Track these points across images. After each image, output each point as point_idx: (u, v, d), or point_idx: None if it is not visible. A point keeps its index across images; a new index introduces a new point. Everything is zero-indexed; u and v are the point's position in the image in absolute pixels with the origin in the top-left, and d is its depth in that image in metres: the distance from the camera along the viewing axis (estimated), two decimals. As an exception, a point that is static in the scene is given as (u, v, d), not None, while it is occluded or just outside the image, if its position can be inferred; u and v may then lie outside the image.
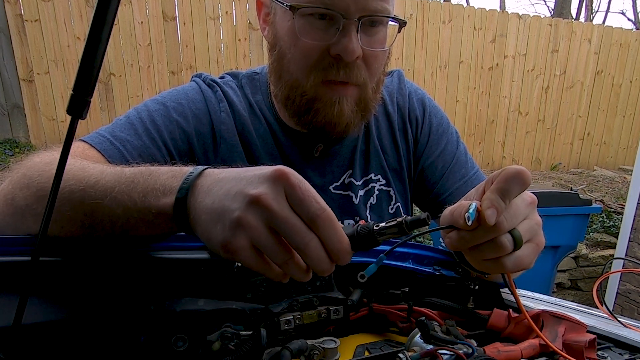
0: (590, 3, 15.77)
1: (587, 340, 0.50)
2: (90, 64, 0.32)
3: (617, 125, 6.11)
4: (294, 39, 0.72)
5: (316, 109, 0.75)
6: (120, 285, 0.47)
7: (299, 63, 0.73)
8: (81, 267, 0.46)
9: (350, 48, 0.68)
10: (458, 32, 5.20)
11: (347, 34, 0.68)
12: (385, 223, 0.42)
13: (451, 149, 0.94)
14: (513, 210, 0.48)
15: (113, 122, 0.79)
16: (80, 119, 0.33)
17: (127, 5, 4.13)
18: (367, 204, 0.90)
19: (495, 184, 0.47)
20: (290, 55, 0.74)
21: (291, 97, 0.76)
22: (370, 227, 0.42)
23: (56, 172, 0.34)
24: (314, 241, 0.40)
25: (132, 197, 0.46)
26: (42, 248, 0.34)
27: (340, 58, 0.70)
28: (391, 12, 0.72)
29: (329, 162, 0.87)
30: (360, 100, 0.76)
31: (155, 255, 0.49)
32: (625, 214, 3.10)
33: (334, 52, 0.70)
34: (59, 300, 0.44)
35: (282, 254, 0.40)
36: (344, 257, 0.41)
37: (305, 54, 0.72)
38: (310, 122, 0.77)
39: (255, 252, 0.40)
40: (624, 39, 5.83)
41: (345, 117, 0.75)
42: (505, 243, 0.48)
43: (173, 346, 0.46)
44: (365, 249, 0.43)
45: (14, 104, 4.04)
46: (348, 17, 0.68)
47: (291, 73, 0.75)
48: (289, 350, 0.45)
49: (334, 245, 0.41)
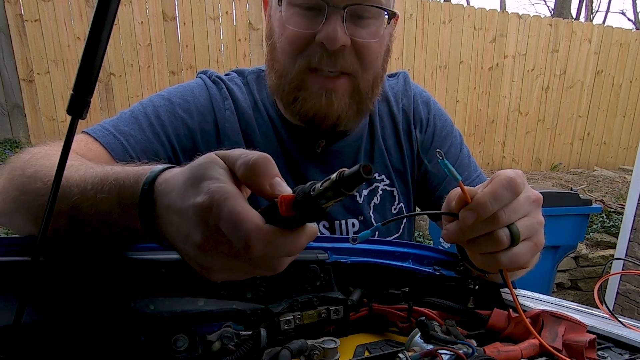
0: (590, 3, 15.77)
1: (587, 340, 0.50)
2: (90, 64, 0.32)
3: (617, 125, 6.11)
4: (282, 29, 0.73)
5: (303, 98, 0.75)
6: (119, 285, 0.47)
7: (286, 51, 0.74)
8: (80, 267, 0.46)
9: (333, 36, 0.69)
10: (458, 32, 5.20)
11: (331, 22, 0.69)
12: (320, 184, 0.34)
13: (454, 151, 0.94)
14: (513, 205, 0.48)
15: (118, 115, 0.79)
16: (81, 119, 0.33)
17: (127, 5, 4.13)
18: (371, 204, 0.90)
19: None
20: (279, 45, 0.75)
21: (281, 86, 0.77)
22: (307, 190, 0.34)
23: (56, 172, 0.34)
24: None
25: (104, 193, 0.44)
26: (42, 248, 0.34)
27: (325, 46, 0.70)
28: (383, 2, 0.72)
29: (332, 161, 0.87)
30: (354, 93, 0.76)
31: (155, 255, 0.49)
32: (625, 214, 3.10)
33: (318, 39, 0.70)
34: (59, 300, 0.44)
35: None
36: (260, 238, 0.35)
37: (291, 42, 0.73)
38: (299, 112, 0.77)
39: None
40: (624, 39, 5.83)
41: (335, 109, 0.75)
42: (502, 237, 0.48)
43: (173, 346, 0.46)
44: (311, 218, 0.36)
45: (14, 103, 4.04)
46: (333, 5, 0.68)
47: (280, 62, 0.76)
48: (289, 350, 0.45)
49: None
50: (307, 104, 0.75)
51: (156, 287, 0.48)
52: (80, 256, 0.46)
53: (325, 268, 0.57)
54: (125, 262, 0.47)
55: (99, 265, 0.46)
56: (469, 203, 0.47)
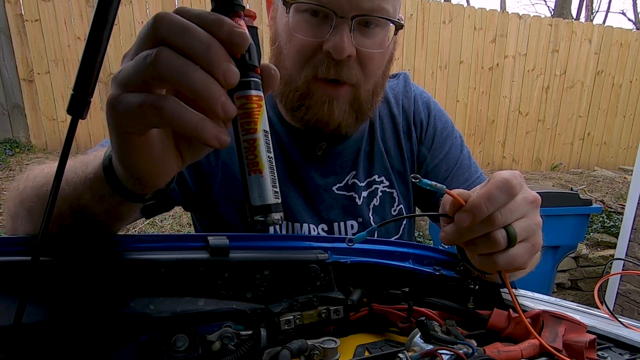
0: (591, 3, 15.77)
1: (587, 341, 0.50)
2: (90, 64, 0.32)
3: (618, 125, 6.11)
4: (289, 35, 0.73)
5: (307, 106, 0.75)
6: (119, 285, 0.47)
7: (293, 59, 0.73)
8: (80, 267, 0.46)
9: (340, 46, 0.68)
10: (458, 32, 5.20)
11: (339, 32, 0.68)
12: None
13: (455, 152, 0.94)
14: (510, 206, 0.48)
15: None
16: (81, 119, 0.33)
17: (127, 5, 4.14)
18: (370, 206, 0.90)
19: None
20: (286, 51, 0.74)
21: (285, 92, 0.77)
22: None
23: (56, 172, 0.34)
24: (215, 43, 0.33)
25: (77, 173, 0.46)
26: (42, 248, 0.34)
27: (332, 56, 0.70)
28: (390, 12, 0.72)
29: (332, 163, 0.87)
30: (353, 101, 0.76)
31: (155, 255, 0.49)
32: (626, 214, 3.10)
33: (325, 49, 0.70)
34: (59, 300, 0.44)
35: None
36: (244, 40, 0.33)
37: (299, 50, 0.72)
38: (302, 119, 0.77)
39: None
40: (624, 39, 5.83)
41: (335, 117, 0.75)
42: (499, 238, 0.48)
43: (173, 346, 0.46)
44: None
45: (14, 103, 4.04)
46: (341, 15, 0.68)
47: (286, 69, 0.75)
48: (289, 350, 0.45)
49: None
50: (311, 112, 0.75)
51: (156, 287, 0.48)
52: (81, 256, 0.46)
53: (325, 268, 0.57)
54: (125, 262, 0.47)
55: (99, 265, 0.46)
56: (463, 206, 0.48)
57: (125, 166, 0.40)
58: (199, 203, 0.84)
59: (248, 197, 0.34)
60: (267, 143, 0.35)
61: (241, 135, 0.34)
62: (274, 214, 0.35)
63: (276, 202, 0.35)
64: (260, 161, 0.34)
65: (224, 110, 0.32)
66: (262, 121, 0.34)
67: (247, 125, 0.34)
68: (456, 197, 0.48)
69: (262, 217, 0.34)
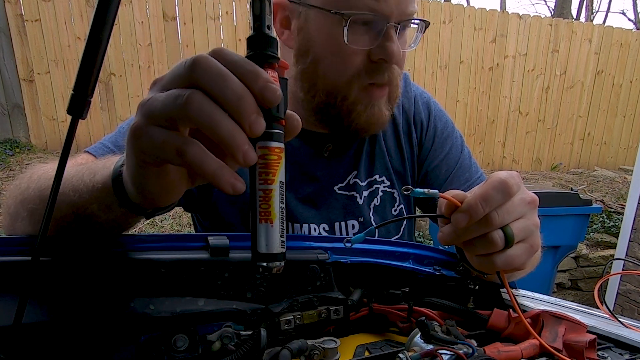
0: (591, 3, 15.77)
1: (587, 341, 0.50)
2: (90, 64, 0.32)
3: (618, 125, 6.11)
4: (334, 46, 0.71)
5: (358, 112, 0.76)
6: (119, 285, 0.47)
7: (341, 69, 0.73)
8: (81, 267, 0.46)
9: (395, 51, 0.70)
10: (458, 32, 5.20)
11: (390, 37, 0.70)
12: None
13: (455, 153, 0.94)
14: (507, 207, 0.48)
15: (117, 129, 0.78)
16: (81, 119, 0.33)
17: (127, 5, 4.13)
18: (371, 205, 0.90)
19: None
20: (329, 62, 0.73)
21: (331, 102, 0.76)
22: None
23: (56, 172, 0.34)
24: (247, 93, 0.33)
25: (84, 180, 0.47)
26: (42, 248, 0.34)
27: (382, 62, 0.71)
28: (417, 13, 0.75)
29: (335, 163, 0.87)
30: (390, 99, 0.78)
31: (156, 255, 0.49)
32: (626, 214, 3.10)
33: (376, 56, 0.71)
34: (59, 300, 0.44)
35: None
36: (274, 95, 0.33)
37: (349, 60, 0.72)
38: (350, 125, 0.77)
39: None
40: (624, 39, 5.83)
41: (383, 117, 0.77)
42: (496, 239, 0.48)
43: (173, 346, 0.46)
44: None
45: (14, 103, 4.04)
46: (390, 22, 0.69)
47: (330, 79, 0.74)
48: (289, 350, 0.45)
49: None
50: (362, 117, 0.76)
51: (156, 287, 0.48)
52: (81, 256, 0.46)
53: (325, 268, 0.57)
54: (125, 262, 0.47)
55: (99, 265, 0.46)
56: (459, 207, 0.48)
57: (137, 187, 0.41)
58: (200, 203, 0.84)
59: (255, 243, 0.35)
60: (281, 194, 0.35)
61: (258, 183, 0.34)
62: (277, 262, 0.35)
63: (281, 251, 0.35)
64: (273, 211, 0.34)
65: (244, 158, 0.32)
66: (280, 173, 0.35)
67: (265, 175, 0.34)
68: (450, 199, 0.48)
69: (266, 264, 0.35)
